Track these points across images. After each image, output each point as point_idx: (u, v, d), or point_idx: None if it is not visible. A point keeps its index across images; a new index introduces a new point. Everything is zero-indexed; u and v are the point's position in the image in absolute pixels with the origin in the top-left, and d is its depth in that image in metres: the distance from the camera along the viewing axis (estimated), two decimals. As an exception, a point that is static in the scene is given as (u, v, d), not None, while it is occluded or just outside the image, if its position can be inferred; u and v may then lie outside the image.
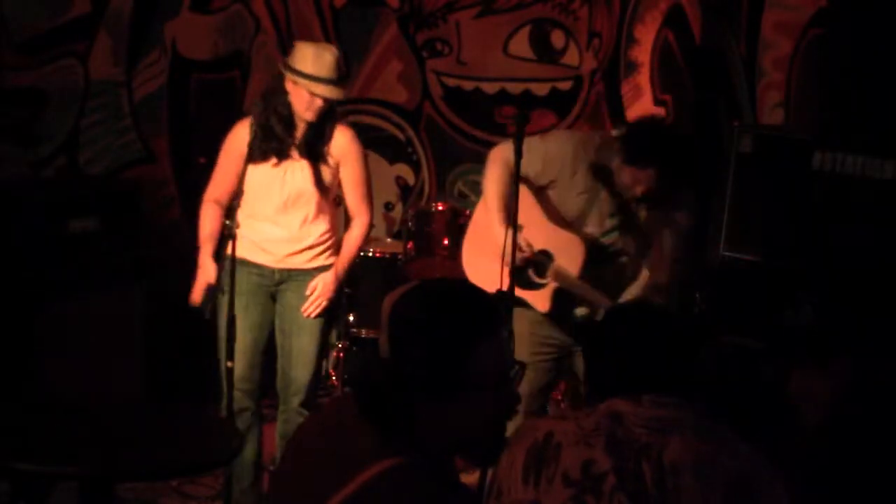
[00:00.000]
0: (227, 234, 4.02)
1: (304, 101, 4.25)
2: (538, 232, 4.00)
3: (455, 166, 6.24)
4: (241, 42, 5.97)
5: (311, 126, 4.31)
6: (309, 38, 6.00)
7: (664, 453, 2.18)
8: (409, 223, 5.48)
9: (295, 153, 4.33)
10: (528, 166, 3.97)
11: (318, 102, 4.24)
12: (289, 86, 4.27)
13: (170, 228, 5.61)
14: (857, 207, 4.50)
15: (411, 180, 6.30)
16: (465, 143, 6.19)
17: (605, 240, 4.04)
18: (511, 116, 5.97)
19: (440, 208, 5.48)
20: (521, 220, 4.05)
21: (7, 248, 4.80)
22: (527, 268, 4.04)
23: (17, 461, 3.30)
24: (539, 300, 4.07)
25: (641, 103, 6.00)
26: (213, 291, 4.12)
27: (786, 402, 4.26)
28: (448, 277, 3.31)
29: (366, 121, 6.17)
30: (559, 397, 5.19)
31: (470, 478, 3.92)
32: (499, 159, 4.11)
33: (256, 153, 4.26)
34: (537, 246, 4.00)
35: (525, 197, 4.02)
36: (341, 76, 4.28)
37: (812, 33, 5.24)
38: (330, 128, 4.36)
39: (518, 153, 3.84)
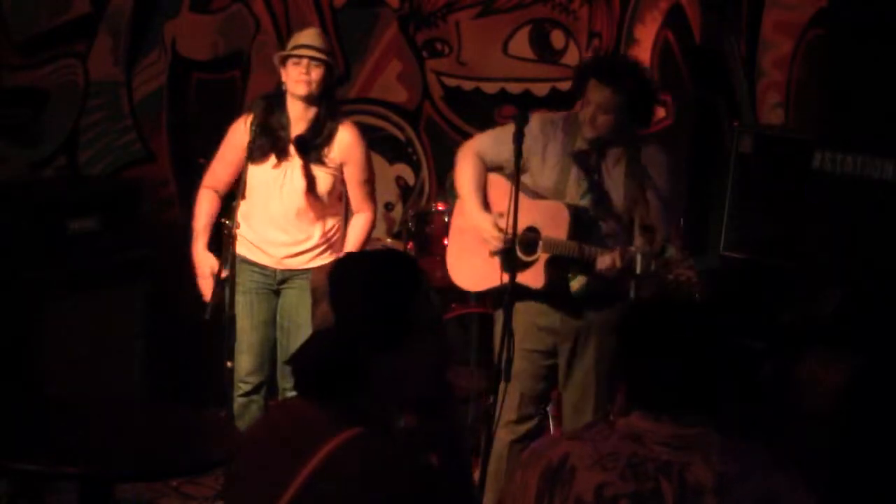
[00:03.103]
0: (226, 234, 4.01)
1: (294, 76, 4.31)
2: (520, 213, 3.96)
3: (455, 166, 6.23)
4: (241, 42, 5.96)
5: (309, 126, 4.33)
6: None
7: (686, 472, 2.12)
8: (409, 223, 5.47)
9: (294, 152, 4.34)
10: (501, 153, 4.08)
11: (310, 74, 4.29)
12: (283, 76, 4.34)
13: (170, 228, 5.60)
14: (857, 207, 4.50)
15: (411, 180, 6.29)
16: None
17: (584, 202, 4.03)
18: (511, 116, 5.96)
19: (440, 208, 5.47)
20: (500, 207, 4.07)
21: (7, 248, 4.80)
22: (514, 250, 4.00)
23: (17, 461, 3.30)
24: (532, 277, 4.05)
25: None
26: (220, 284, 4.12)
27: (791, 389, 4.25)
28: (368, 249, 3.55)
29: (366, 121, 6.16)
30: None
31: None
32: (468, 153, 4.20)
33: (256, 152, 4.28)
34: (521, 226, 3.97)
35: (502, 184, 4.11)
36: (325, 48, 4.39)
37: (812, 33, 5.24)
38: (331, 126, 4.39)
39: (518, 153, 3.85)
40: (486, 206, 4.18)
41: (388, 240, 5.92)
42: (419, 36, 6.11)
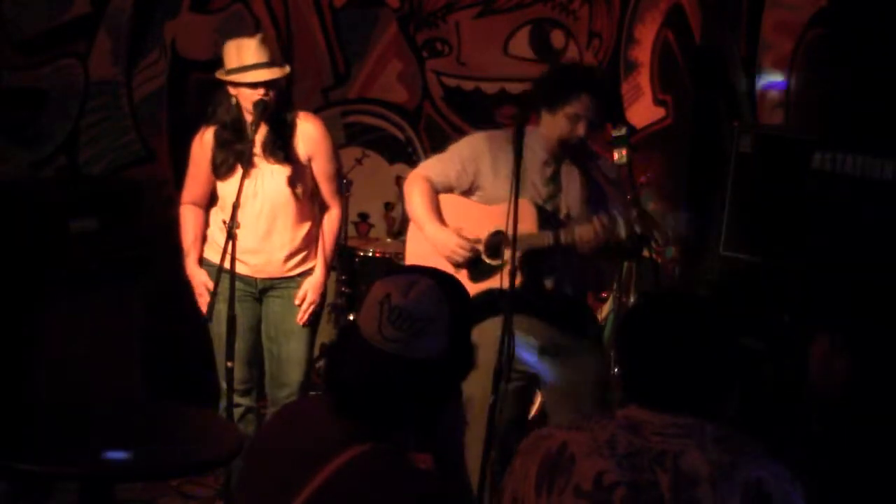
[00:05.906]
0: (228, 234, 3.99)
1: (248, 95, 4.14)
2: (479, 222, 3.99)
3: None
4: (241, 42, 5.96)
5: (270, 127, 4.22)
6: (309, 38, 6.01)
7: (681, 461, 2.15)
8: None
9: (259, 160, 4.24)
10: (448, 172, 4.11)
11: (261, 92, 4.13)
12: (232, 91, 4.20)
13: (170, 228, 5.61)
14: (857, 207, 4.50)
15: (411, 180, 6.28)
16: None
17: (548, 207, 4.04)
18: (511, 116, 5.96)
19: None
20: (456, 223, 4.06)
21: (7, 247, 4.80)
22: (479, 257, 4.02)
23: (17, 461, 3.30)
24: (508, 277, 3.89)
25: (641, 103, 6.00)
26: (213, 296, 4.10)
27: (800, 375, 4.25)
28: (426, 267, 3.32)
29: (366, 121, 6.17)
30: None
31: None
32: (416, 180, 4.20)
33: (222, 167, 4.23)
34: (484, 233, 4.02)
35: (455, 202, 4.12)
36: (272, 58, 4.19)
37: (812, 33, 5.24)
38: (291, 123, 4.26)
39: (518, 154, 3.84)
40: (443, 223, 4.13)
41: (388, 240, 5.93)
42: (419, 36, 6.12)
